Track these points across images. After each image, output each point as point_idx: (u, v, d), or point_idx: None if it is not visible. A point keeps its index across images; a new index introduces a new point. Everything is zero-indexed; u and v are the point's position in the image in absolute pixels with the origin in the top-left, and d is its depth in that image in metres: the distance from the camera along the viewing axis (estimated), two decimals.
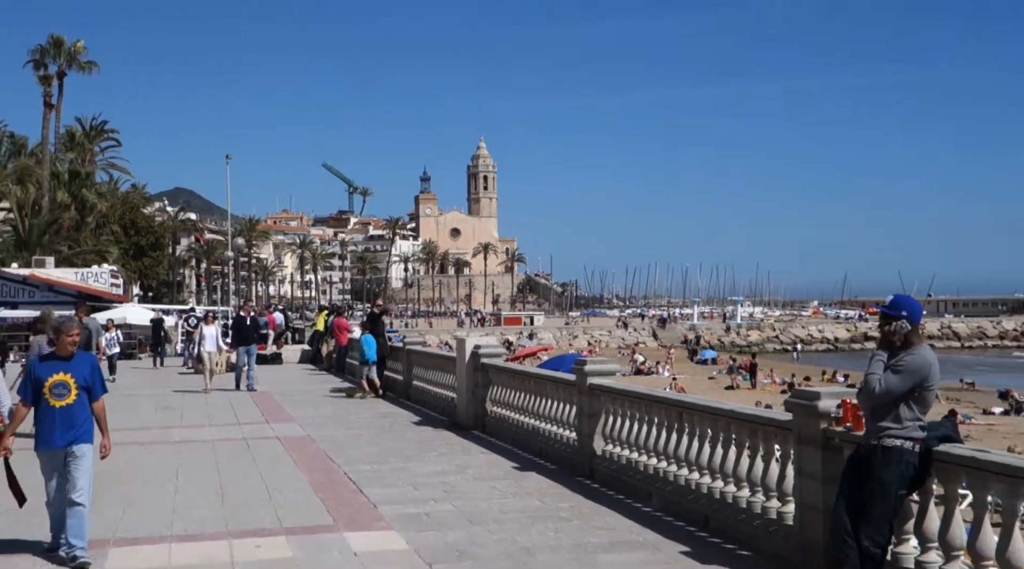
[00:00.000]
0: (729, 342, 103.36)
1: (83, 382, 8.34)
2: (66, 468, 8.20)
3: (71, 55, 73.68)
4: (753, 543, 9.00)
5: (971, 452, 7.00)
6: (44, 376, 8.23)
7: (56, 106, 74.34)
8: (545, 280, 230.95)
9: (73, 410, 8.25)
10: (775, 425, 9.04)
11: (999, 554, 6.55)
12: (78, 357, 8.50)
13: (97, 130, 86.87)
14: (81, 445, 8.28)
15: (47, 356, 8.68)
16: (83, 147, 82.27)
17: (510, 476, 13.19)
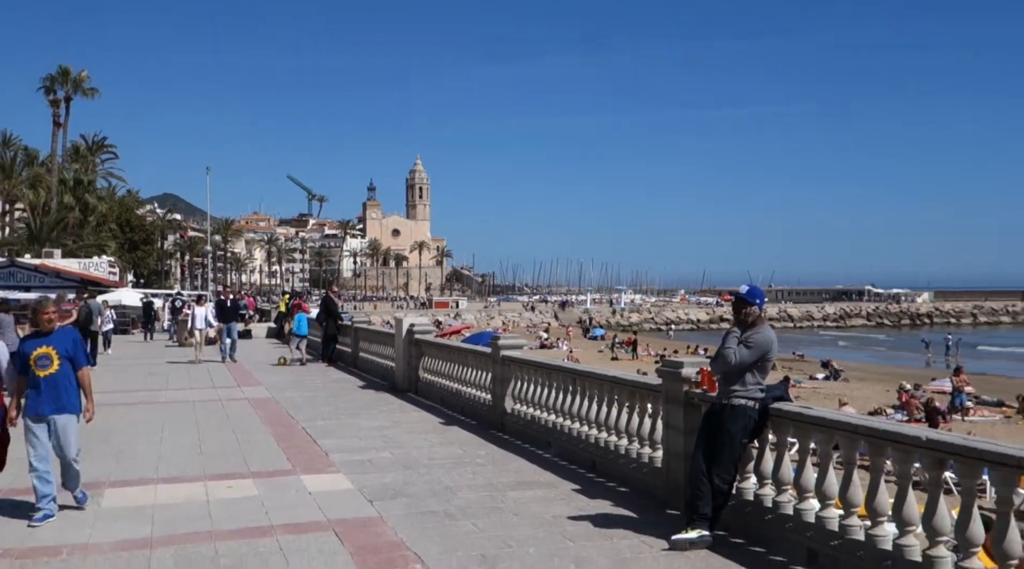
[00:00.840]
0: (615, 322, 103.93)
1: (64, 353, 7.86)
2: (56, 437, 7.78)
3: (76, 83, 71.93)
4: (630, 482, 9.10)
5: (798, 409, 7.19)
6: (29, 350, 7.77)
7: (63, 125, 72.51)
8: (468, 272, 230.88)
9: (56, 379, 7.78)
10: (648, 388, 9.15)
11: (817, 487, 6.74)
12: (60, 332, 8.01)
13: (98, 145, 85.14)
14: (67, 414, 7.83)
15: (31, 334, 8.24)
16: (86, 159, 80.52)
17: (437, 430, 13.17)
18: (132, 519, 7.91)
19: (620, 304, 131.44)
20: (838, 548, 6.35)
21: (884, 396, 33.74)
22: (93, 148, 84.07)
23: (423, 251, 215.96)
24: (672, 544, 6.94)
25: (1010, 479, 5.35)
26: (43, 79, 71.18)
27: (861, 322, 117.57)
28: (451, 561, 6.64)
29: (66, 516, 7.92)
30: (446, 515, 8.03)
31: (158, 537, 7.32)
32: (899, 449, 6.07)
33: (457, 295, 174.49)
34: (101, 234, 70.41)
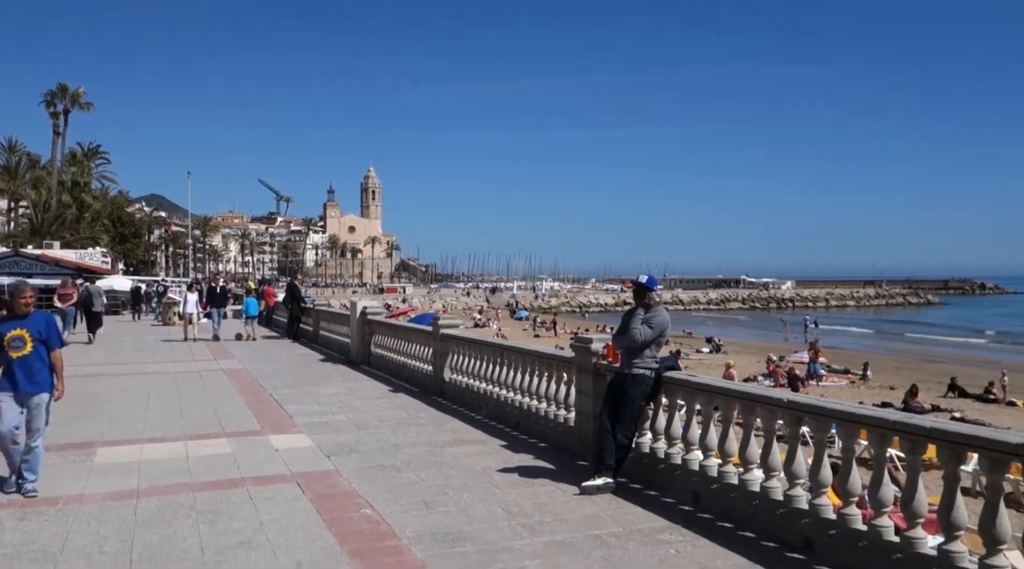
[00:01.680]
0: (537, 306, 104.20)
1: (37, 335, 7.10)
2: (26, 416, 7.01)
3: (74, 97, 69.23)
4: (548, 438, 9.14)
5: (685, 377, 7.29)
6: (3, 332, 7.06)
7: (62, 134, 69.82)
8: (414, 262, 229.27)
9: (29, 360, 7.02)
10: (563, 360, 9.20)
11: (700, 441, 6.87)
12: (35, 315, 7.24)
13: (92, 151, 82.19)
14: (40, 394, 7.06)
15: (7, 317, 7.60)
16: (82, 164, 77.63)
17: (386, 396, 13.04)
18: (121, 473, 7.66)
19: (542, 290, 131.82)
20: (717, 490, 6.48)
21: (756, 366, 34.49)
22: (88, 154, 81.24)
23: (375, 245, 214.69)
24: (582, 489, 7.00)
25: (853, 432, 5.52)
26: (44, 94, 68.55)
27: (737, 305, 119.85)
28: (396, 506, 6.59)
29: (63, 471, 7.65)
30: (393, 468, 7.96)
31: (144, 488, 7.12)
32: (766, 409, 6.21)
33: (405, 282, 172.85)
34: (95, 228, 68.30)
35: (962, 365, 38.51)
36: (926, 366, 39.25)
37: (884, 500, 5.15)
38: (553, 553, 5.50)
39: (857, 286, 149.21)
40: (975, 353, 50.69)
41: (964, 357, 46.39)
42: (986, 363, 40.75)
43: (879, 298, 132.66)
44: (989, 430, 4.87)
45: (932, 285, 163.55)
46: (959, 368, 35.25)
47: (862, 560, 5.10)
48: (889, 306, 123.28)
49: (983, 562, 4.44)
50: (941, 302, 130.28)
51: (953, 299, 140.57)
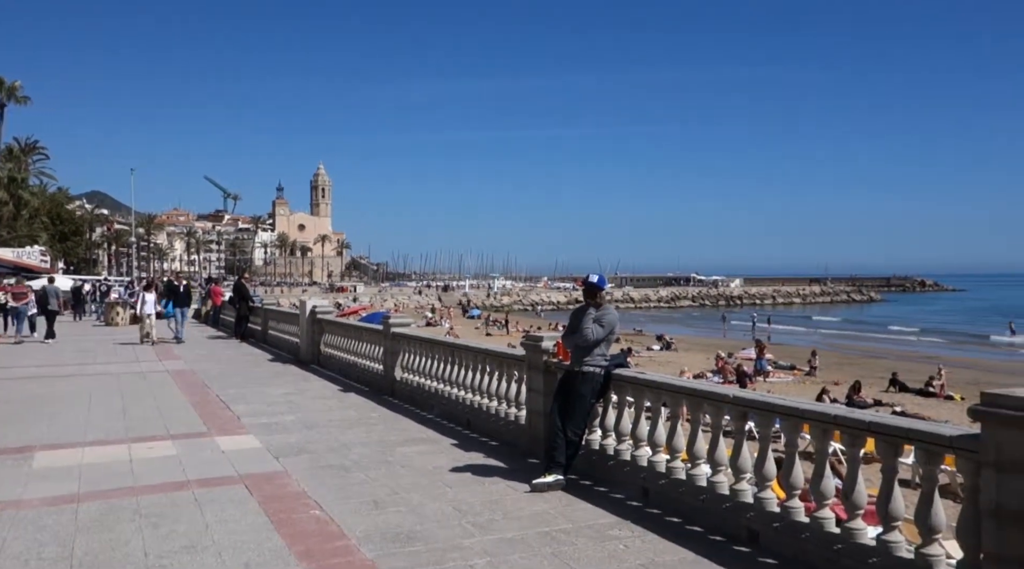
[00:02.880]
0: (489, 304, 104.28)
1: None
2: None
3: (10, 91, 67.12)
4: (499, 436, 9.17)
5: (633, 374, 7.38)
6: None
7: None
8: (365, 261, 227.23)
9: None
10: (514, 358, 9.23)
11: (649, 437, 6.95)
12: None
13: (30, 147, 79.67)
14: None
15: None
16: (19, 159, 75.12)
17: (336, 396, 12.94)
18: (61, 478, 7.47)
19: (494, 288, 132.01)
20: (665, 486, 6.57)
21: (705, 363, 35.00)
22: (26, 150, 78.72)
23: (325, 243, 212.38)
24: (533, 487, 7.04)
25: (796, 427, 5.65)
26: None
27: (687, 303, 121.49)
28: (346, 506, 6.55)
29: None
30: (342, 468, 7.90)
31: (84, 493, 6.95)
32: (713, 405, 6.32)
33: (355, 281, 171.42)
34: (33, 226, 66.25)
35: (903, 360, 39.58)
36: (869, 362, 40.26)
37: (826, 493, 5.29)
38: (503, 550, 5.52)
39: (803, 284, 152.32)
40: (915, 348, 52.20)
41: (905, 353, 47.72)
42: (925, 358, 42.00)
43: (824, 295, 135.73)
44: (925, 423, 5.04)
45: (875, 282, 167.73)
46: (900, 363, 36.22)
47: (805, 551, 5.23)
48: (834, 303, 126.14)
49: (919, 551, 4.59)
50: (883, 299, 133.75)
51: (895, 296, 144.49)
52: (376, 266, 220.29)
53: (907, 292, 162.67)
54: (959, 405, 25.38)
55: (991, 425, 4.10)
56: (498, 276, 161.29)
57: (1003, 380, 28.08)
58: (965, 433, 4.43)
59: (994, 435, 4.08)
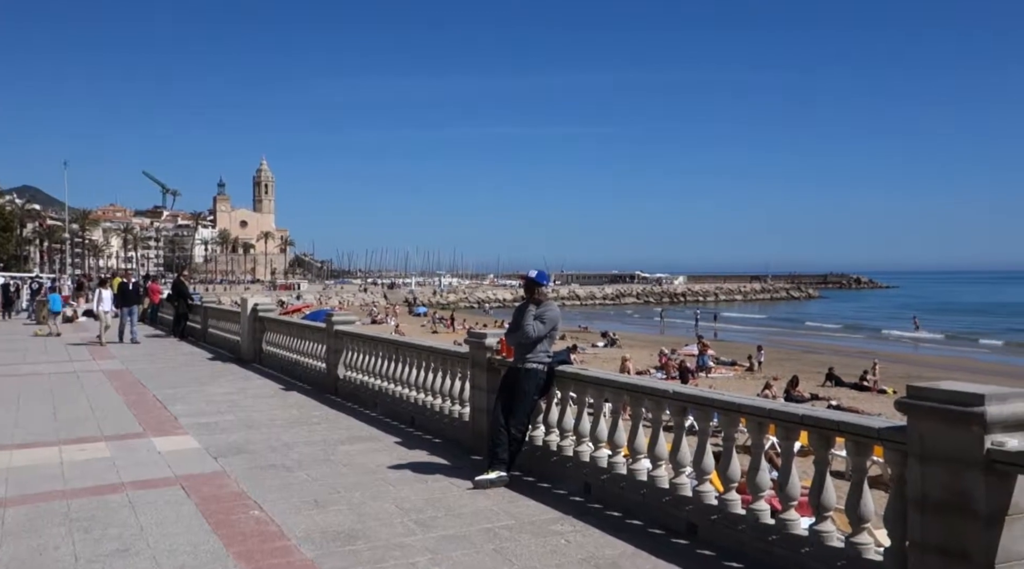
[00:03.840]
0: (436, 301, 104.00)
1: None
2: None
3: None
4: (443, 434, 9.15)
5: (576, 370, 7.44)
6: None
7: None
8: (309, 258, 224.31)
9: None
10: (458, 356, 9.22)
11: (591, 433, 7.01)
12: None
13: None
14: None
15: None
16: None
17: (278, 395, 12.75)
18: None
19: (441, 286, 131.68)
20: (607, 481, 6.64)
21: (649, 359, 35.46)
22: None
23: (269, 240, 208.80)
24: (475, 484, 7.04)
25: (733, 421, 5.76)
26: None
27: (632, 300, 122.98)
28: (286, 506, 6.47)
29: None
30: (284, 467, 7.80)
31: (12, 497, 6.72)
32: (653, 400, 6.41)
33: (299, 278, 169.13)
34: None
35: (839, 355, 40.71)
36: (806, 357, 41.29)
37: (761, 485, 5.42)
38: (445, 548, 5.52)
39: (744, 281, 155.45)
40: (850, 344, 53.72)
41: (840, 348, 49.07)
42: (860, 353, 43.24)
43: (765, 292, 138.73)
44: (855, 416, 5.19)
45: (813, 280, 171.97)
46: (836, 358, 37.25)
47: (741, 542, 5.34)
48: (774, 300, 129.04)
49: (849, 540, 4.73)
50: (821, 296, 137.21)
51: (832, 292, 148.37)
52: (320, 263, 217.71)
53: (844, 289, 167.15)
54: (891, 398, 26.19)
55: (916, 417, 4.24)
56: (444, 273, 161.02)
57: (934, 374, 29.10)
58: (892, 425, 4.57)
59: (919, 427, 4.22)
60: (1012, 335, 58.79)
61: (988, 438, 3.94)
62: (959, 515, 4.03)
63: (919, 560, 4.23)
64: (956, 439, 4.03)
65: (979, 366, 38.32)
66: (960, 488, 4.02)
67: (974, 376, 27.32)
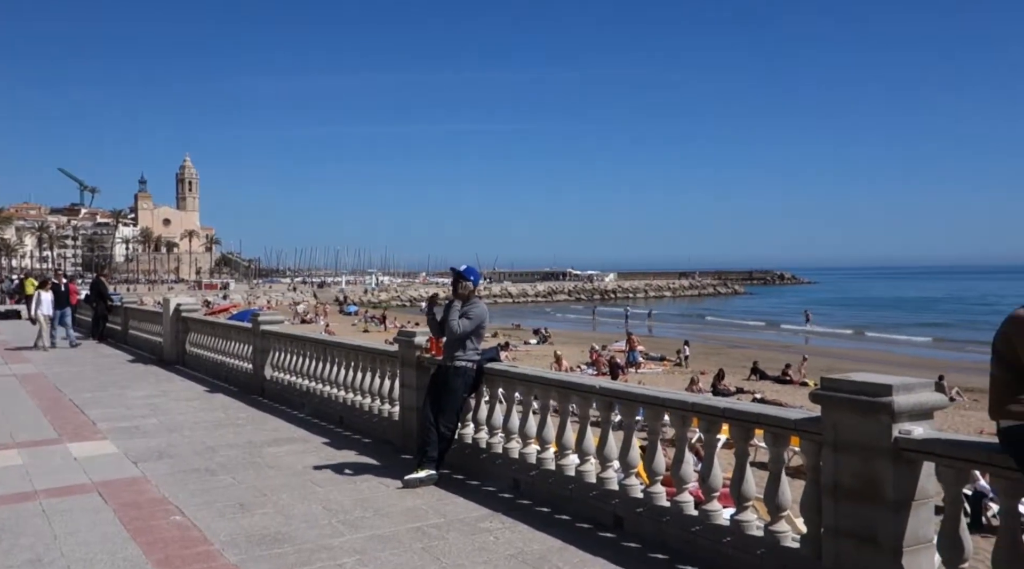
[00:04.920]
0: (367, 300, 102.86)
1: None
2: None
3: None
4: (373, 433, 9.08)
5: (505, 367, 7.47)
6: None
7: None
8: (236, 257, 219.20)
9: None
10: (387, 354, 9.16)
11: (520, 429, 7.05)
12: None
13: None
14: None
15: None
16: None
17: (202, 397, 12.44)
18: None
19: (372, 284, 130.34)
20: (535, 477, 6.69)
21: (580, 355, 35.84)
22: None
23: (193, 238, 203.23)
24: (405, 483, 7.01)
25: (658, 415, 5.87)
26: None
27: (564, 297, 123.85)
28: (210, 510, 6.32)
29: None
30: (207, 471, 7.62)
31: None
32: (580, 396, 6.48)
33: (226, 278, 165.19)
34: None
35: (763, 350, 41.86)
36: (732, 351, 42.35)
37: (685, 477, 5.53)
38: (373, 548, 5.48)
39: (673, 277, 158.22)
40: (773, 338, 55.30)
41: (765, 342, 50.46)
42: (783, 347, 44.59)
43: (692, 288, 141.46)
44: (773, 408, 5.36)
45: (739, 276, 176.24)
46: (760, 352, 38.29)
47: (666, 534, 5.45)
48: (701, 296, 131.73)
49: (768, 529, 4.87)
50: (747, 292, 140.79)
51: (757, 288, 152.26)
52: (248, 262, 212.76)
53: (768, 285, 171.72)
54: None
55: (830, 408, 4.40)
56: (376, 272, 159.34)
57: (854, 366, 30.14)
58: (808, 416, 4.73)
59: (832, 417, 4.38)
60: (925, 329, 61.32)
61: (896, 427, 4.12)
62: (870, 501, 4.20)
63: (833, 545, 4.39)
64: (866, 428, 4.20)
65: (894, 358, 39.89)
66: (870, 475, 4.19)
67: (888, 368, 28.47)
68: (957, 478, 4.11)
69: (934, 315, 79.89)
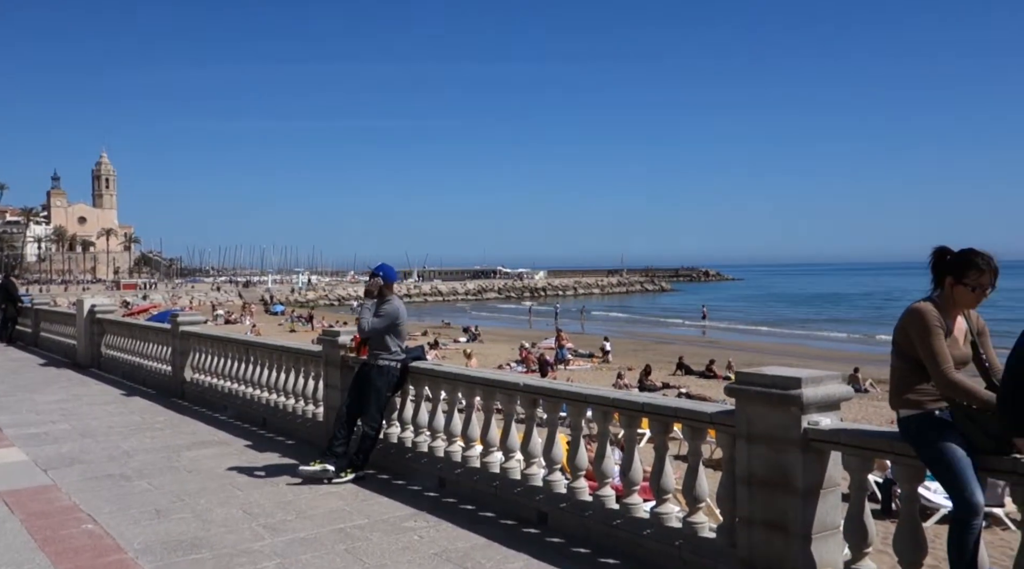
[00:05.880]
0: (294, 299, 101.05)
1: None
2: None
3: None
4: (297, 435, 8.94)
5: (429, 366, 7.46)
6: None
7: None
8: (157, 256, 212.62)
9: None
10: (311, 354, 9.04)
11: (445, 427, 7.04)
12: None
13: None
14: None
15: None
16: None
17: (118, 400, 12.03)
18: None
19: (299, 283, 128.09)
20: (461, 475, 6.70)
21: (510, 353, 35.98)
22: None
23: (111, 237, 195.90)
24: (299, 473, 7.07)
25: (581, 411, 5.95)
26: None
27: (494, 295, 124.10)
28: (124, 517, 6.13)
29: None
30: (122, 477, 7.38)
31: None
32: (505, 394, 6.52)
33: (146, 277, 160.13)
34: None
35: (689, 345, 42.74)
36: (659, 347, 43.10)
37: (607, 472, 5.63)
38: (295, 551, 5.40)
39: (602, 275, 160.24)
40: (698, 334, 56.55)
41: (691, 338, 51.56)
42: (708, 343, 45.64)
43: (621, 286, 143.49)
44: (690, 402, 5.49)
45: (665, 273, 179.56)
46: (686, 348, 39.08)
47: (588, 528, 5.52)
48: (629, 293, 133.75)
49: (686, 520, 5.00)
50: (673, 288, 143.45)
51: (683, 285, 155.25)
52: (169, 262, 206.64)
53: (694, 282, 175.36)
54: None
55: (743, 401, 4.53)
56: (303, 271, 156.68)
57: (774, 361, 31.04)
58: (723, 410, 4.86)
59: (746, 410, 4.51)
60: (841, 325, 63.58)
61: (805, 418, 4.28)
62: (781, 490, 4.34)
63: (747, 534, 4.52)
64: (778, 420, 4.34)
65: (813, 352, 41.23)
66: (782, 465, 4.34)
67: (806, 361, 29.43)
68: (862, 466, 4.29)
69: (847, 309, 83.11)
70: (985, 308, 4.05)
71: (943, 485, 3.79)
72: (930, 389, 3.83)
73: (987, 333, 3.99)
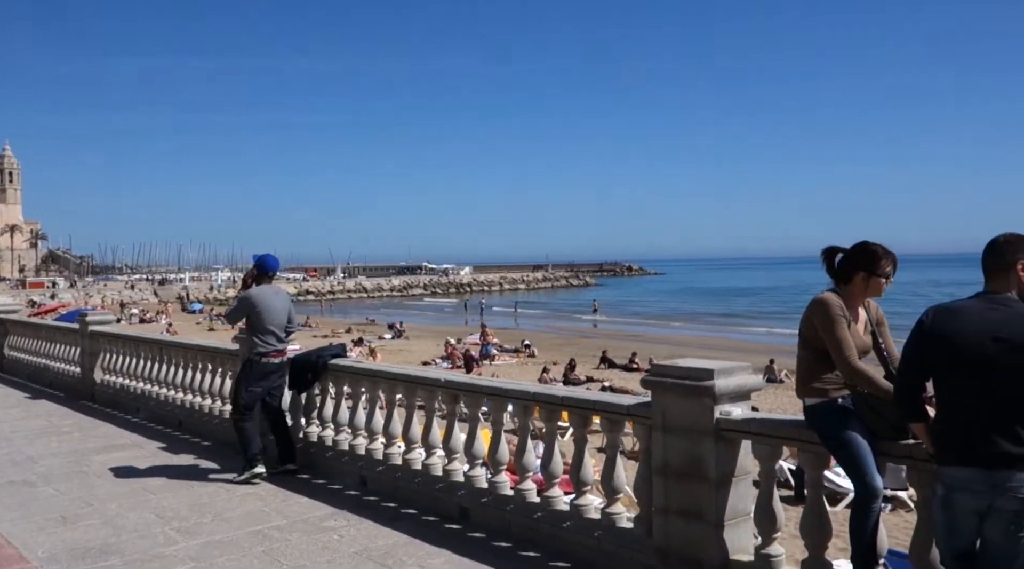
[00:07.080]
0: (213, 298, 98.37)
1: None
2: None
3: None
4: (213, 436, 8.72)
5: (350, 363, 7.38)
6: None
7: None
8: (66, 253, 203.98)
9: None
10: (228, 353, 8.81)
11: (367, 425, 6.98)
12: None
13: None
14: None
15: None
16: None
17: (22, 404, 11.50)
18: None
19: (218, 281, 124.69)
20: (382, 472, 6.65)
21: (436, 349, 35.87)
22: None
23: (15, 234, 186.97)
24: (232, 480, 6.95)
25: (501, 405, 5.98)
26: None
27: (420, 291, 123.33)
28: (28, 525, 5.87)
29: None
30: (25, 483, 7.07)
31: None
32: (426, 390, 6.49)
33: (55, 276, 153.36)
34: None
35: (612, 339, 43.37)
36: (583, 341, 43.65)
37: (528, 465, 5.66)
38: (210, 554, 5.27)
39: (527, 270, 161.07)
40: (620, 328, 57.41)
41: (613, 332, 52.30)
42: (629, 337, 46.39)
43: (546, 281, 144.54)
44: (609, 395, 5.58)
45: (589, 268, 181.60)
46: (609, 342, 39.67)
47: (509, 522, 5.56)
48: (554, 288, 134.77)
49: (604, 511, 5.07)
50: (597, 283, 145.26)
51: (607, 280, 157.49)
52: (80, 259, 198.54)
53: (617, 276, 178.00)
54: None
55: (659, 393, 4.62)
56: (222, 268, 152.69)
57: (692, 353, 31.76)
58: (640, 402, 4.95)
59: (661, 402, 4.60)
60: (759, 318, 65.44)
61: (717, 408, 4.39)
62: (696, 480, 4.45)
63: (663, 523, 4.62)
64: (691, 411, 4.45)
65: (730, 344, 42.34)
66: (696, 455, 4.45)
67: (723, 353, 30.18)
68: (771, 454, 4.43)
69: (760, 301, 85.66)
70: (883, 301, 4.23)
71: (845, 470, 3.95)
72: (834, 378, 3.98)
73: (886, 323, 4.17)
